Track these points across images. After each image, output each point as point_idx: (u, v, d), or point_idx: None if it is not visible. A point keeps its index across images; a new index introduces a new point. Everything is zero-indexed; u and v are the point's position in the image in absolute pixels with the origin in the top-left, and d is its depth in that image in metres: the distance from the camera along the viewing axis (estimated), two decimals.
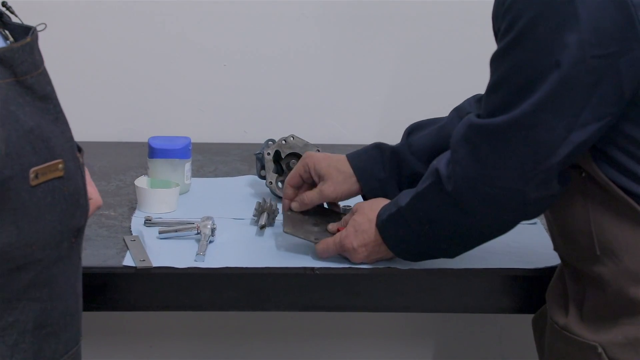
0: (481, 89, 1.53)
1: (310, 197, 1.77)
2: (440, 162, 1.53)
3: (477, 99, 1.78)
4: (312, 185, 1.80)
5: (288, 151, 1.97)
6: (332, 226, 1.73)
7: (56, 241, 1.24)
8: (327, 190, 1.75)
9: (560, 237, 1.56)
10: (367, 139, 2.43)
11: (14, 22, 1.27)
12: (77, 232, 1.29)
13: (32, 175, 1.19)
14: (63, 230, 1.25)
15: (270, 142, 2.00)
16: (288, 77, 2.47)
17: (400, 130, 1.85)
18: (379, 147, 1.78)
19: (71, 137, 1.28)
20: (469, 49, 2.41)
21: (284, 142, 1.97)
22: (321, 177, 1.76)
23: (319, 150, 1.95)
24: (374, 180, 1.75)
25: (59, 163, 1.22)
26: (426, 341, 2.50)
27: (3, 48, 1.20)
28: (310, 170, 1.77)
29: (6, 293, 1.19)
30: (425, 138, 1.76)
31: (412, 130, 1.80)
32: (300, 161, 1.80)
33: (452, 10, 2.43)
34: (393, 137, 2.10)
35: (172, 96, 2.45)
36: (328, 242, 1.68)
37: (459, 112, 1.77)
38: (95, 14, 2.40)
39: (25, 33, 1.25)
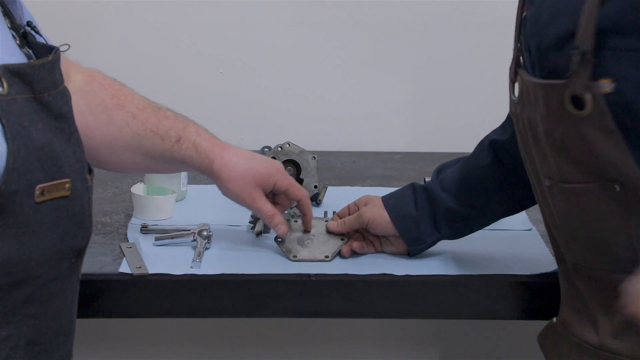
0: (479, 96, 1.53)
1: (350, 219, 1.78)
2: None
3: (502, 125, 1.74)
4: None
5: (284, 158, 1.97)
6: (331, 225, 1.75)
7: (56, 259, 1.24)
8: (364, 210, 1.76)
9: (588, 249, 1.45)
10: (363, 146, 2.45)
11: (38, 42, 1.28)
12: (79, 253, 1.28)
13: (37, 192, 1.18)
14: (64, 249, 1.24)
15: (266, 149, 2.00)
16: (284, 85, 2.47)
17: (396, 136, 1.85)
18: (411, 186, 1.77)
19: (82, 158, 1.27)
20: (467, 56, 2.42)
21: (280, 149, 1.97)
22: (365, 205, 1.78)
23: (314, 157, 1.96)
24: (407, 219, 1.74)
25: (66, 182, 1.22)
26: (423, 347, 2.50)
27: (23, 64, 1.20)
28: (360, 203, 1.79)
29: (3, 307, 1.19)
30: (453, 174, 1.75)
31: (442, 169, 1.79)
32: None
33: (448, 19, 2.43)
34: (388, 143, 2.11)
35: (169, 103, 2.45)
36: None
37: (482, 145, 1.74)
38: (92, 20, 2.40)
39: (48, 52, 1.25)
